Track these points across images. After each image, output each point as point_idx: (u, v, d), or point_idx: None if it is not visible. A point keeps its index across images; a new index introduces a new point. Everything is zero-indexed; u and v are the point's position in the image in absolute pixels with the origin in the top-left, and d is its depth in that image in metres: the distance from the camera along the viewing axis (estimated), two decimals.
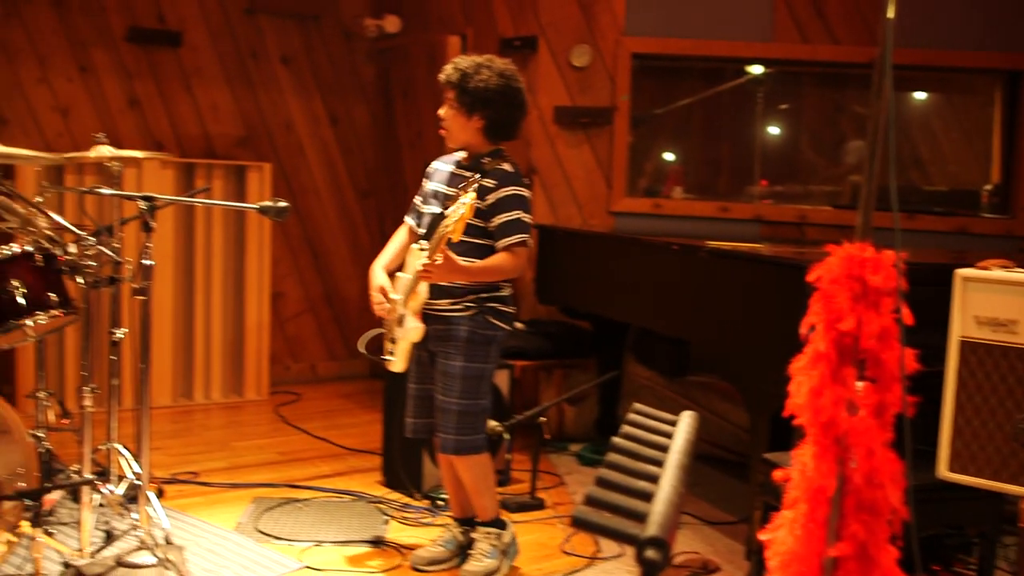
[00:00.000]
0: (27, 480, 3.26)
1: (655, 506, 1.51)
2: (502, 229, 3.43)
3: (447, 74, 3.50)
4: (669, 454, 1.79)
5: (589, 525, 1.48)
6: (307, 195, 6.61)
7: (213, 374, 6.10)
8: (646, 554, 1.38)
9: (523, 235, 3.43)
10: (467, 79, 3.45)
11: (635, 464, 1.74)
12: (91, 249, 3.42)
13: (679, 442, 1.85)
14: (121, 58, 5.94)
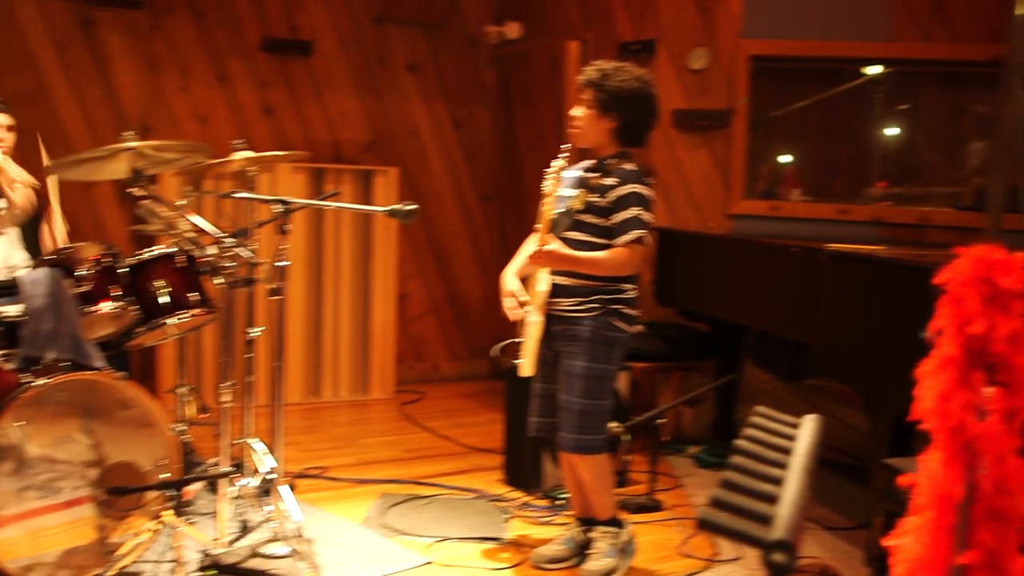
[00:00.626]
0: (169, 471, 3.40)
1: (781, 509, 1.51)
2: (620, 226, 3.46)
3: (586, 74, 3.54)
4: (793, 457, 1.79)
5: (715, 527, 1.50)
6: (431, 199, 6.73)
7: (341, 372, 6.27)
8: (773, 557, 1.38)
9: (639, 232, 3.44)
10: (606, 78, 3.49)
11: (759, 467, 1.74)
12: (229, 251, 3.56)
13: (803, 445, 1.86)
14: (256, 67, 6.16)
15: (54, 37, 5.58)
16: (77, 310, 3.40)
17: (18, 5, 5.47)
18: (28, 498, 3.17)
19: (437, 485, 4.58)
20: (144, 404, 3.38)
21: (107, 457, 3.31)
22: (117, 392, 3.35)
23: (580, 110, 3.56)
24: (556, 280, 3.51)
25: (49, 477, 3.21)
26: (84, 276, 3.47)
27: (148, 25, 5.84)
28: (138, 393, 3.38)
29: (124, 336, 3.78)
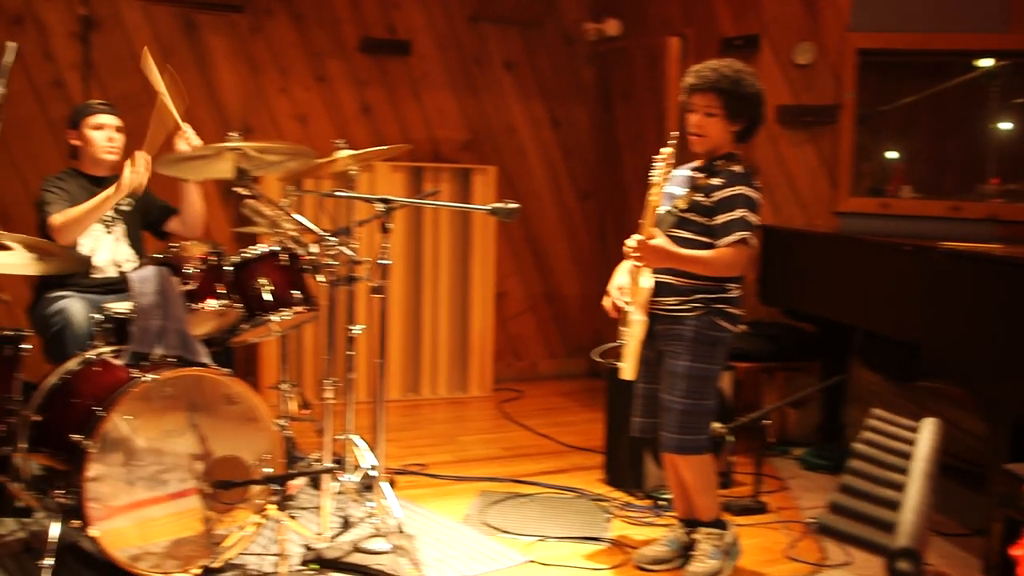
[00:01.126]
0: (273, 466, 3.45)
1: (904, 515, 1.46)
2: (724, 227, 3.40)
3: (709, 80, 3.43)
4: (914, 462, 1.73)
5: (835, 532, 1.45)
6: (529, 197, 6.72)
7: (439, 370, 6.29)
8: (898, 565, 1.33)
9: (743, 233, 3.38)
10: (739, 85, 3.42)
11: (878, 471, 1.69)
12: (332, 249, 3.59)
13: (924, 450, 1.79)
14: (354, 67, 6.22)
15: (159, 41, 5.69)
16: (184, 307, 3.46)
17: (124, 10, 5.61)
18: (136, 489, 3.23)
19: (537, 484, 4.56)
20: (249, 400, 3.43)
21: (212, 451, 3.36)
22: (223, 388, 3.40)
23: (701, 115, 3.46)
24: (659, 278, 3.47)
25: (156, 469, 3.27)
26: (191, 274, 3.53)
27: (249, 27, 5.94)
28: (243, 389, 3.42)
29: (229, 333, 3.84)
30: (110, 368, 3.41)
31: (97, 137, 4.14)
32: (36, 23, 5.39)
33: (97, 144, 4.14)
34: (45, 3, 5.41)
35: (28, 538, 3.56)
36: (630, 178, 6.40)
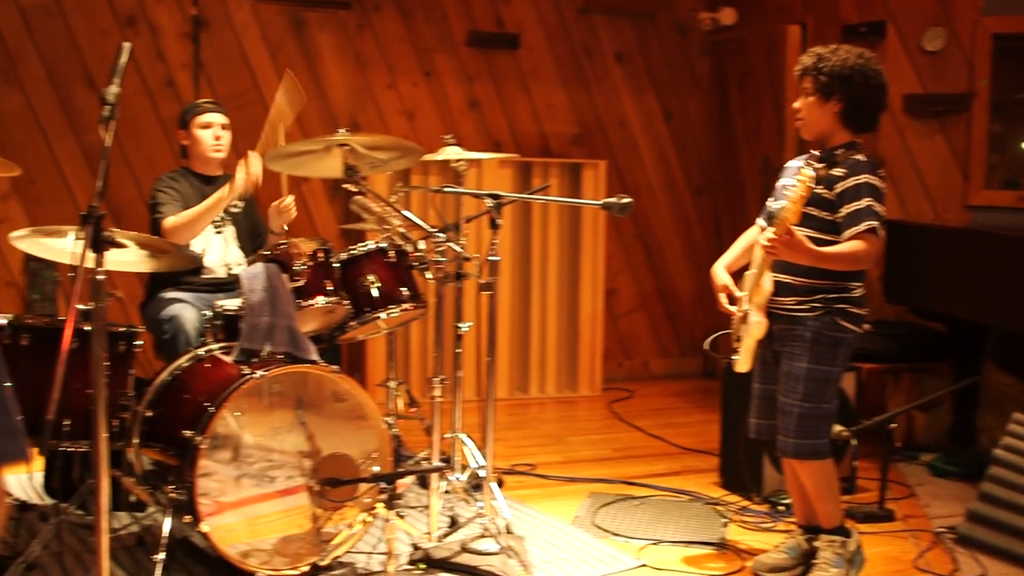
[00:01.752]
0: (381, 464, 3.41)
1: None
2: (850, 218, 3.22)
3: (802, 63, 3.37)
4: None
5: (975, 543, 1.34)
6: (640, 191, 6.58)
7: (548, 369, 6.21)
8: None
9: (872, 222, 3.20)
10: (823, 60, 3.30)
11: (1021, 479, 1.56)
12: (441, 245, 3.53)
13: None
14: (462, 62, 6.17)
15: (267, 40, 5.74)
16: (293, 304, 3.45)
17: (234, 10, 5.66)
18: (244, 486, 3.24)
19: (649, 486, 4.45)
20: (357, 397, 3.40)
21: (320, 448, 3.35)
22: (331, 385, 3.38)
23: (802, 100, 3.37)
24: (777, 278, 3.33)
25: (264, 466, 3.27)
26: (299, 271, 3.51)
27: (356, 24, 5.94)
28: (351, 386, 3.39)
29: (336, 330, 3.82)
30: (220, 365, 3.42)
31: (204, 136, 4.16)
32: (148, 24, 5.47)
33: (204, 142, 4.16)
34: (157, 4, 5.49)
35: (141, 532, 3.60)
36: (747, 171, 6.23)
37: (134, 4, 5.44)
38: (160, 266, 3.61)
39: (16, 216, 5.24)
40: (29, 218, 5.24)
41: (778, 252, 3.21)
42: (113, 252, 2.76)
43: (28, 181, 5.10)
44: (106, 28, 5.39)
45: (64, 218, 5.00)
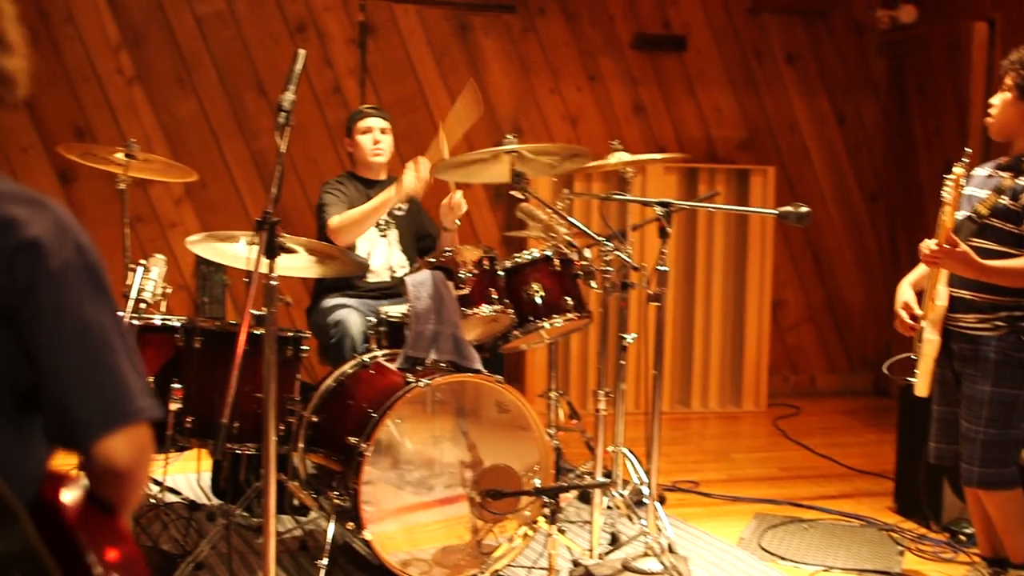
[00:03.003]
0: (543, 477, 3.35)
1: None
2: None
3: (1008, 57, 3.16)
4: None
5: None
6: (811, 199, 6.32)
7: (711, 382, 6.04)
8: None
9: None
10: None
11: None
12: (608, 255, 3.44)
13: None
14: (627, 65, 6.07)
15: (433, 45, 5.76)
16: (458, 312, 3.41)
17: (400, 16, 5.69)
18: (404, 493, 3.23)
19: (819, 509, 4.25)
20: (520, 408, 3.35)
21: (482, 459, 3.31)
22: (494, 395, 3.34)
23: (998, 97, 3.15)
24: (955, 293, 3.14)
25: (423, 474, 3.26)
26: (465, 279, 3.47)
27: (521, 27, 5.90)
28: (515, 397, 3.34)
29: (499, 339, 3.77)
30: (385, 372, 3.42)
31: (364, 140, 4.20)
32: (317, 31, 5.55)
33: (364, 147, 4.19)
34: (326, 12, 5.57)
35: (304, 536, 3.63)
36: (926, 178, 5.94)
37: (304, 11, 5.53)
38: (327, 272, 3.63)
39: (188, 220, 5.40)
40: (200, 222, 5.38)
41: (941, 262, 3.04)
42: (283, 257, 2.77)
43: (200, 186, 5.24)
44: (277, 35, 5.50)
45: (233, 223, 5.16)
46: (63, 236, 1.31)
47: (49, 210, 1.31)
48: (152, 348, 3.52)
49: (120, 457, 1.35)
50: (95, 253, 1.36)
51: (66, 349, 1.32)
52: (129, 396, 1.36)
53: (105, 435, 1.34)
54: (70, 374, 1.33)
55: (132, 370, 1.38)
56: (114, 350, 1.35)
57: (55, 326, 1.31)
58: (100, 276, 1.36)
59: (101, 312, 1.34)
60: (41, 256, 1.28)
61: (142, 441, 1.38)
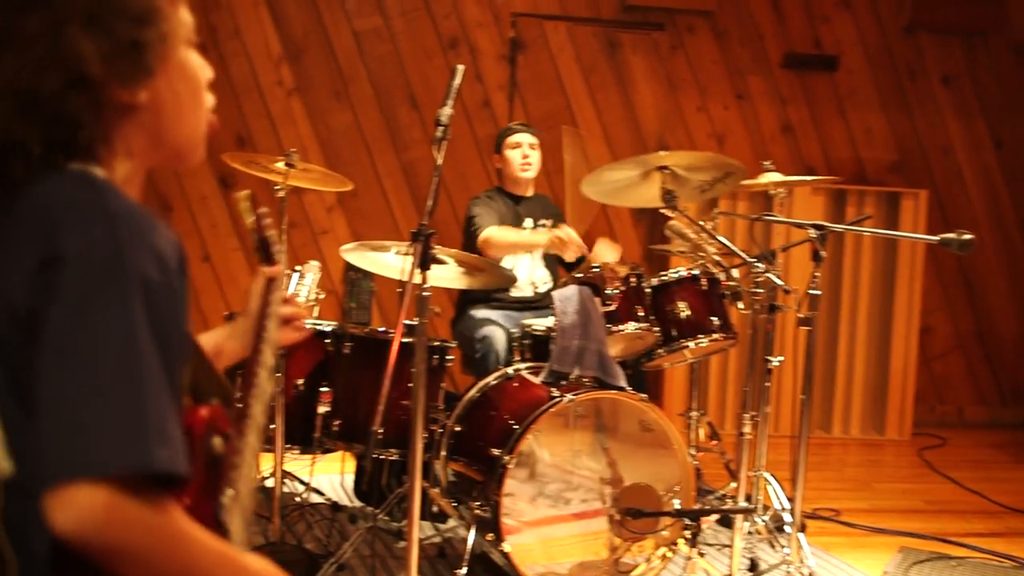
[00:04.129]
0: (683, 499, 3.31)
1: None
2: None
3: None
4: None
5: None
6: (964, 224, 6.08)
7: (853, 408, 5.89)
8: None
9: None
10: None
11: None
12: (758, 276, 3.39)
13: None
14: (776, 84, 5.99)
15: (581, 61, 5.78)
16: (604, 328, 3.41)
17: (550, 32, 5.74)
18: (541, 506, 3.23)
19: (967, 546, 4.08)
20: (663, 427, 3.32)
21: (622, 476, 3.29)
22: (638, 413, 3.31)
23: None
24: None
25: (560, 487, 3.25)
26: (612, 295, 3.47)
27: (669, 45, 5.89)
28: (659, 416, 3.31)
29: (643, 356, 3.75)
30: (528, 385, 3.43)
31: (513, 155, 4.24)
32: (469, 46, 5.64)
33: (513, 162, 4.24)
34: (478, 28, 5.65)
35: (442, 544, 3.67)
36: None
37: (457, 28, 5.63)
38: (475, 283, 3.68)
39: (339, 227, 5.55)
40: (350, 230, 5.53)
41: None
42: (432, 268, 2.82)
43: (352, 195, 5.38)
44: (430, 50, 5.61)
45: (382, 232, 5.28)
46: (101, 253, 1.09)
47: (101, 222, 1.11)
48: (303, 352, 3.62)
49: (56, 521, 1.03)
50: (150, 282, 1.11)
51: (56, 368, 1.06)
52: (95, 444, 1.03)
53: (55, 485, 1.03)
54: (50, 397, 1.06)
55: (136, 414, 1.06)
56: (106, 389, 1.06)
57: (53, 340, 1.06)
58: (137, 304, 1.09)
59: (115, 346, 1.07)
60: (66, 269, 1.08)
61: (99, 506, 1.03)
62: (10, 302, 1.10)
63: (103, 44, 1.18)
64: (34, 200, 1.15)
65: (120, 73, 1.19)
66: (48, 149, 1.16)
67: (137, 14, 1.20)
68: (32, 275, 1.09)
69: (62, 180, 1.17)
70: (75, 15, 1.17)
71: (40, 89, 1.15)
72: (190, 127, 1.31)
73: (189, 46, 1.30)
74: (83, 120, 1.17)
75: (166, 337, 1.11)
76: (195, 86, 1.31)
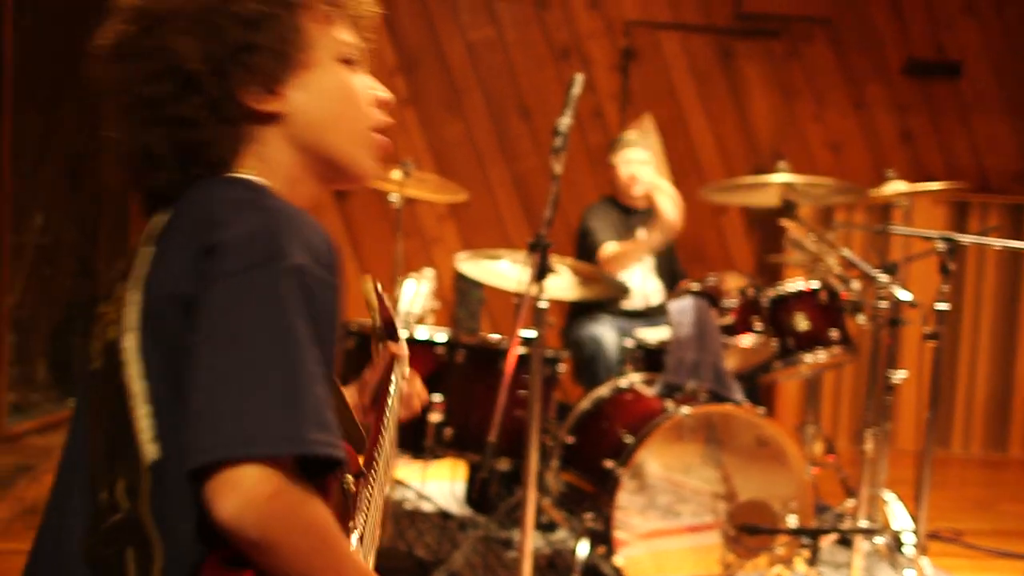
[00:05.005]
0: (800, 515, 3.24)
1: None
2: None
3: None
4: None
5: None
6: None
7: (974, 425, 5.71)
8: None
9: None
10: None
11: None
12: (881, 288, 3.30)
13: None
14: (896, 92, 5.84)
15: (694, 70, 5.73)
16: (720, 341, 3.37)
17: (664, 41, 5.70)
18: (651, 518, 3.20)
19: None
20: (780, 442, 3.26)
21: (736, 491, 3.23)
22: (754, 427, 3.26)
23: None
24: None
25: (670, 500, 3.23)
26: (728, 307, 3.42)
27: (785, 53, 5.79)
28: (776, 430, 3.26)
29: (758, 369, 3.69)
30: (642, 398, 3.41)
31: (622, 173, 4.20)
32: (581, 56, 5.63)
33: (622, 179, 4.20)
34: (590, 38, 5.64)
35: (551, 555, 3.65)
36: None
37: (569, 38, 5.63)
38: (588, 294, 3.67)
39: (450, 236, 5.59)
40: (461, 239, 5.56)
41: None
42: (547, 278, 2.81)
43: (463, 204, 5.41)
44: (542, 61, 5.62)
45: (493, 241, 5.30)
46: (259, 241, 1.10)
47: (259, 215, 1.14)
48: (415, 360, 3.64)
49: (218, 506, 1.02)
50: (306, 270, 1.11)
51: (210, 351, 1.06)
52: (256, 426, 1.03)
53: (204, 469, 1.02)
54: (208, 379, 1.05)
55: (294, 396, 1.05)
56: (264, 373, 1.05)
57: (209, 324, 1.07)
58: (293, 290, 1.09)
59: (272, 333, 1.07)
60: (225, 256, 1.09)
61: (261, 491, 1.02)
62: (171, 292, 1.13)
63: (211, 46, 1.21)
64: (193, 201, 1.20)
65: (235, 76, 1.22)
66: (175, 154, 1.22)
67: (249, 18, 1.22)
68: (192, 265, 1.12)
69: (220, 183, 1.22)
70: (184, 22, 1.21)
71: (156, 95, 1.20)
72: (341, 142, 1.31)
73: (345, 62, 1.32)
74: (199, 120, 1.21)
75: (320, 327, 1.11)
76: (346, 101, 1.32)
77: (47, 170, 4.77)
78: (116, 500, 1.13)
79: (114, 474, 1.14)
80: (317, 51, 1.28)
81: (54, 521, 1.22)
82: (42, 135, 4.67)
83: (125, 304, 1.17)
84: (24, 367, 4.75)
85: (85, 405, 1.24)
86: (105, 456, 1.16)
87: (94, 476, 1.18)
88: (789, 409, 5.32)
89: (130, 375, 1.14)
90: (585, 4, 5.65)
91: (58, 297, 4.99)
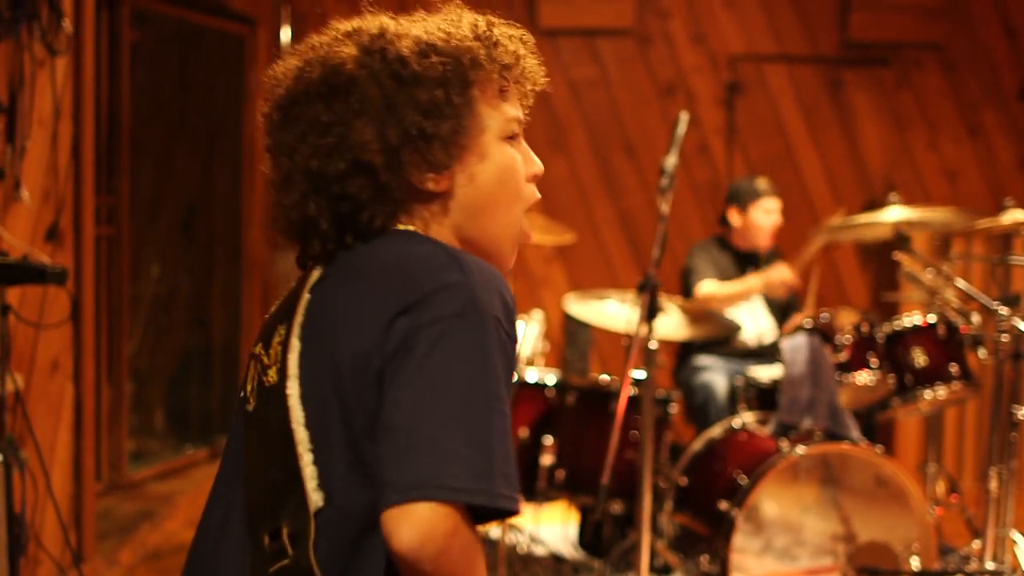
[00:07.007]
0: (923, 557, 3.16)
1: None
2: None
3: None
4: None
5: None
6: None
7: None
8: None
9: None
10: None
11: None
12: (1001, 321, 3.19)
13: None
14: (1013, 117, 5.67)
15: (802, 102, 5.65)
16: (835, 378, 3.30)
17: (769, 74, 5.64)
18: (767, 560, 3.17)
19: None
20: (900, 481, 3.18)
21: (856, 533, 3.17)
22: (872, 467, 3.19)
23: None
24: None
25: (787, 542, 3.17)
26: (843, 344, 3.35)
27: (895, 81, 5.67)
28: (896, 470, 3.17)
29: (876, 406, 3.60)
30: (755, 438, 3.36)
31: (763, 223, 4.12)
32: (686, 92, 5.61)
33: (762, 229, 4.13)
34: (695, 73, 5.62)
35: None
36: None
37: (673, 74, 5.62)
38: (698, 333, 3.64)
39: (556, 277, 5.60)
40: (568, 279, 5.57)
41: None
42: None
43: (570, 245, 5.43)
44: (646, 97, 5.61)
45: (600, 281, 5.29)
46: (461, 292, 1.16)
47: (455, 268, 1.18)
48: (526, 402, 3.66)
49: (400, 536, 1.07)
50: (502, 322, 1.17)
51: (414, 394, 1.12)
52: (452, 470, 1.08)
53: (395, 503, 1.08)
54: (406, 421, 1.11)
55: (489, 447, 1.11)
56: (464, 420, 1.11)
57: (414, 368, 1.12)
58: (493, 341, 1.15)
59: (474, 382, 1.13)
60: (430, 306, 1.15)
61: (442, 528, 1.07)
62: (357, 353, 1.17)
63: (389, 133, 1.23)
64: (375, 259, 1.24)
65: (407, 161, 1.24)
66: (335, 225, 1.25)
67: (429, 107, 1.24)
68: (388, 324, 1.16)
69: (398, 238, 1.26)
70: (368, 107, 1.23)
71: (327, 171, 1.23)
72: (492, 231, 1.33)
73: (508, 139, 1.33)
74: (363, 200, 1.24)
75: (508, 378, 1.17)
76: (504, 185, 1.33)
77: (162, 221, 4.94)
78: (283, 545, 1.17)
79: (279, 519, 1.18)
80: (486, 135, 1.30)
81: (207, 564, 1.27)
82: (156, 186, 4.84)
83: (287, 350, 1.22)
84: (142, 415, 4.90)
85: (237, 444, 1.29)
86: (268, 501, 1.21)
87: (254, 519, 1.22)
88: (909, 447, 5.16)
89: (294, 421, 1.19)
90: (688, 39, 5.64)
91: (174, 346, 5.14)
